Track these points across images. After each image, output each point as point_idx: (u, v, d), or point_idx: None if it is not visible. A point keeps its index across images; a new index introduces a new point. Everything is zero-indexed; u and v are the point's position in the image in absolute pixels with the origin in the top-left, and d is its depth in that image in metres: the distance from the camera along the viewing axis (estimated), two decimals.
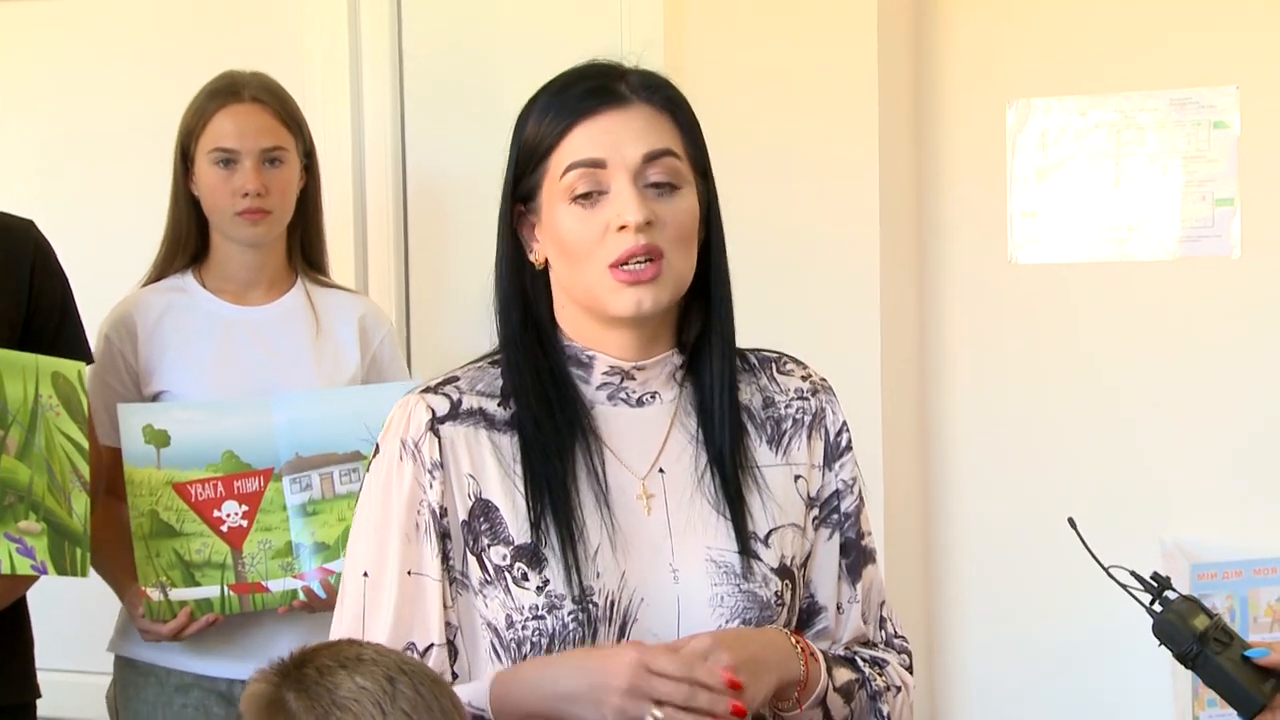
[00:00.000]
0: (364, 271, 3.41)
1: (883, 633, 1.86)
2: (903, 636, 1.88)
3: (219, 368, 2.65)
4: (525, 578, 1.67)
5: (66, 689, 2.75)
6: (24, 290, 2.41)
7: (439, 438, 1.70)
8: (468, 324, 3.35)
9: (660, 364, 1.76)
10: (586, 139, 1.68)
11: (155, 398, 2.63)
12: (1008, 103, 3.26)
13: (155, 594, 2.50)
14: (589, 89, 1.70)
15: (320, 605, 2.54)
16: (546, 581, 1.66)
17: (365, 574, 1.70)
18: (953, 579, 3.35)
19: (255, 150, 2.63)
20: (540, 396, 1.71)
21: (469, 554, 1.69)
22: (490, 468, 1.71)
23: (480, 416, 1.73)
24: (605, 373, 1.74)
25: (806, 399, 1.82)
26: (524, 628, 1.67)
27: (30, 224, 2.48)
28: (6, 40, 3.59)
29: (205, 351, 2.66)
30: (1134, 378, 3.22)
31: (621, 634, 1.66)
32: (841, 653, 1.80)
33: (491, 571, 1.68)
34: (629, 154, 1.66)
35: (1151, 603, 1.76)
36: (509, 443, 1.72)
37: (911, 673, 1.84)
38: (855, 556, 1.82)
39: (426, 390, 1.75)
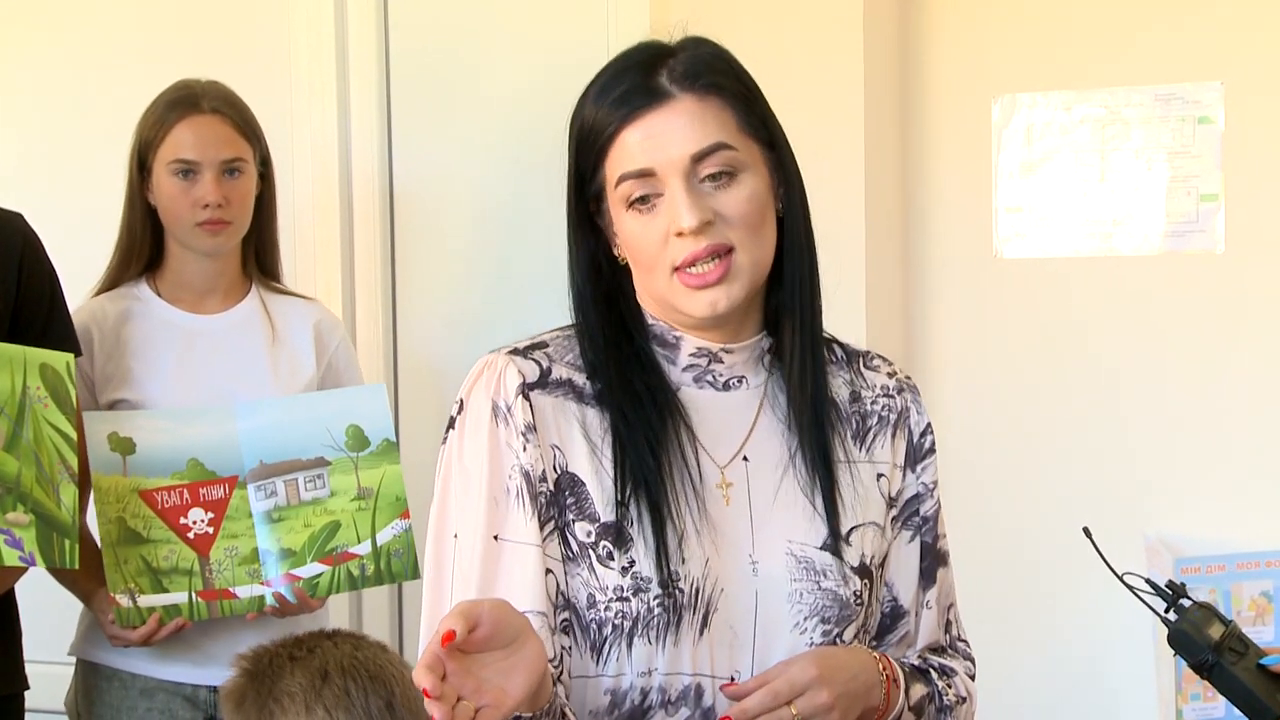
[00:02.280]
0: (350, 277, 3.38)
1: (947, 635, 1.81)
2: (965, 640, 1.84)
3: (178, 375, 2.63)
4: (610, 557, 1.61)
5: (54, 680, 2.74)
6: (12, 282, 2.39)
7: (530, 403, 1.64)
8: (454, 330, 3.38)
9: (750, 348, 1.70)
10: (633, 146, 1.60)
11: (112, 406, 2.61)
12: (993, 98, 3.24)
13: (125, 600, 2.48)
14: (629, 88, 1.61)
15: (290, 610, 2.53)
16: (632, 563, 1.60)
17: (456, 536, 1.64)
18: None
19: (216, 162, 2.61)
20: (626, 387, 1.65)
21: (555, 526, 1.63)
22: (577, 441, 1.64)
23: (569, 388, 1.66)
24: (692, 354, 1.68)
25: (892, 396, 1.77)
26: (607, 609, 1.60)
27: (18, 216, 2.45)
28: None
29: (164, 360, 2.64)
30: (1119, 372, 3.21)
31: (704, 623, 1.61)
32: (916, 663, 1.75)
33: (575, 548, 1.62)
34: (675, 157, 1.58)
35: (1166, 610, 1.72)
36: (597, 418, 1.65)
37: (974, 679, 1.80)
38: (931, 560, 1.77)
39: (514, 352, 1.68)
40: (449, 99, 3.36)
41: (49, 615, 2.66)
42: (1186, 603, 1.73)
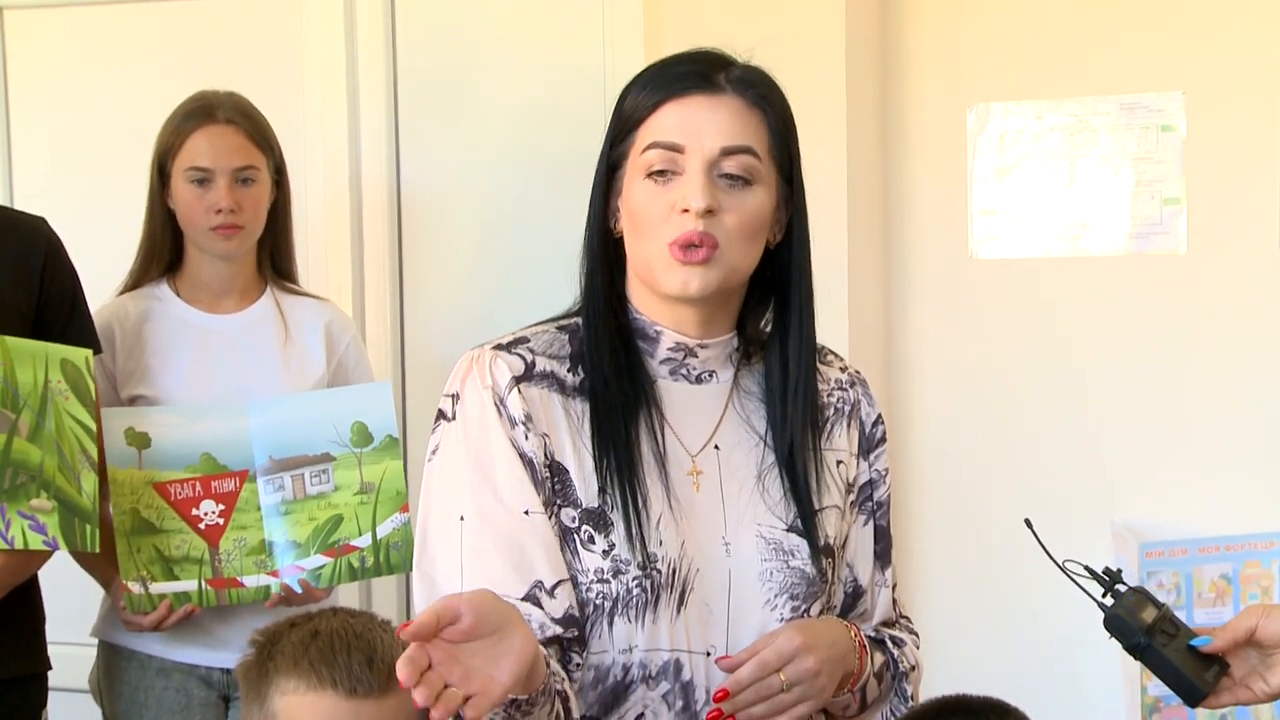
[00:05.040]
0: (360, 278, 3.37)
1: (894, 611, 1.83)
2: (907, 617, 1.86)
3: (193, 372, 2.63)
4: (592, 540, 1.61)
5: (77, 661, 2.73)
6: (35, 283, 2.38)
7: (523, 395, 1.64)
8: (458, 329, 3.36)
9: (722, 344, 1.71)
10: (671, 120, 1.62)
11: (132, 401, 2.60)
12: (968, 107, 3.23)
13: (136, 587, 2.47)
14: (687, 71, 1.64)
15: (297, 600, 2.52)
16: (612, 545, 1.61)
17: (463, 518, 1.61)
18: (914, 560, 3.32)
19: (228, 170, 2.60)
20: (614, 358, 1.66)
21: (553, 510, 1.63)
22: (562, 431, 1.64)
23: (552, 380, 1.67)
24: (670, 348, 1.69)
25: (845, 389, 1.79)
26: (589, 590, 1.60)
27: (42, 221, 2.46)
28: (22, 45, 3.55)
29: (180, 357, 2.63)
30: (1087, 367, 3.19)
31: (681, 602, 1.62)
32: (873, 634, 1.76)
33: (561, 532, 1.62)
34: (707, 144, 1.60)
35: (1103, 596, 1.71)
36: (579, 409, 1.65)
37: (919, 649, 1.82)
38: (885, 543, 1.80)
39: (498, 348, 1.68)
40: (453, 109, 3.36)
41: (72, 599, 2.66)
42: (1122, 588, 1.72)
